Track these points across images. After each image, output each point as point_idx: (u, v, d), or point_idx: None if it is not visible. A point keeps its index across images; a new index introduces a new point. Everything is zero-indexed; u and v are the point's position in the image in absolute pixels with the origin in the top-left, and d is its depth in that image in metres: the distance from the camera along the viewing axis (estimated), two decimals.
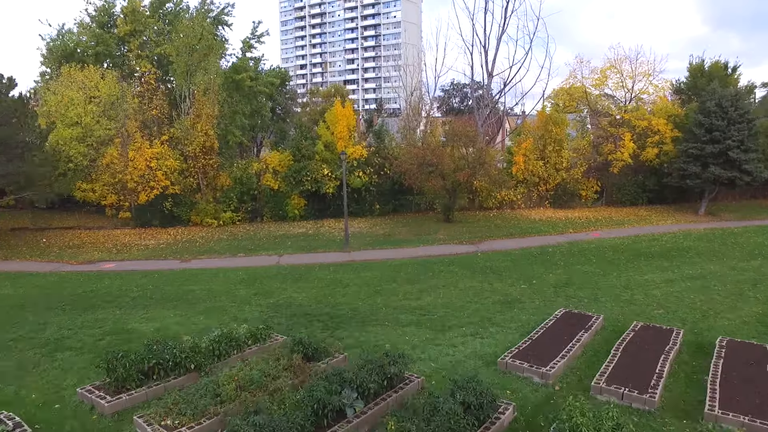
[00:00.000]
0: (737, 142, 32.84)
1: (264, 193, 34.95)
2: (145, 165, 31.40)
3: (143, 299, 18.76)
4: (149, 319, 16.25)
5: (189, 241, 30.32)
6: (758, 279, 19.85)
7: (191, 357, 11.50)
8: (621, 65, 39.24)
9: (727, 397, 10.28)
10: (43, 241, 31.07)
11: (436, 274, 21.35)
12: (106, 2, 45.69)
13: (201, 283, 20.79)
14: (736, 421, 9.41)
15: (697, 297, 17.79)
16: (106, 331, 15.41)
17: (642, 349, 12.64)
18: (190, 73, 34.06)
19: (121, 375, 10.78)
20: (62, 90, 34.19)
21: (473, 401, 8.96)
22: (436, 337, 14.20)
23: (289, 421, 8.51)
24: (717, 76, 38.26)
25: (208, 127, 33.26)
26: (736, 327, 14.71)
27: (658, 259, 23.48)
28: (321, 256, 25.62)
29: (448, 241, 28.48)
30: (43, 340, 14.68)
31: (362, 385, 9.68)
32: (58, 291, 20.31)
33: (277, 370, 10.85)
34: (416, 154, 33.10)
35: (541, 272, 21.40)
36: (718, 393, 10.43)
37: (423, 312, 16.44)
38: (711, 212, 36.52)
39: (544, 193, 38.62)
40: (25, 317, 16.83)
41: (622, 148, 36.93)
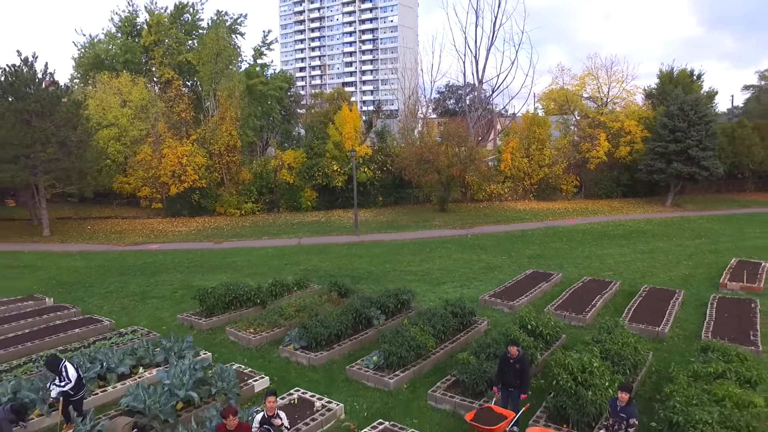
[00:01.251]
0: (696, 141, 37.45)
1: (280, 187, 39.39)
2: (177, 161, 35.67)
3: (196, 267, 23.15)
4: (207, 280, 20.57)
5: (216, 228, 34.64)
6: (694, 252, 24.42)
7: (257, 295, 15.95)
8: (598, 73, 43.89)
9: (636, 317, 14.81)
10: (89, 228, 35.34)
11: (433, 250, 25.83)
12: (130, 14, 50.10)
13: (239, 257, 25.16)
14: (637, 328, 13.88)
15: (642, 264, 22.36)
16: (176, 287, 19.80)
17: (585, 292, 17.18)
18: (215, 80, 38.40)
19: (211, 304, 15.20)
20: (100, 95, 38.53)
21: (459, 311, 13.45)
22: (433, 288, 18.67)
23: (337, 322, 12.94)
24: (682, 83, 42.88)
25: (232, 128, 37.65)
26: (662, 281, 19.23)
27: (619, 239, 28.05)
28: (335, 238, 30.05)
29: (443, 227, 32.98)
30: (131, 292, 19.06)
31: (384, 305, 14.14)
32: (123, 263, 24.65)
33: (321, 301, 15.29)
34: (415, 152, 37.58)
35: (520, 248, 25.93)
36: (630, 314, 14.97)
37: (423, 274, 20.91)
38: (676, 204, 41.13)
39: (528, 187, 43.16)
40: (108, 279, 21.21)
41: (598, 147, 41.50)
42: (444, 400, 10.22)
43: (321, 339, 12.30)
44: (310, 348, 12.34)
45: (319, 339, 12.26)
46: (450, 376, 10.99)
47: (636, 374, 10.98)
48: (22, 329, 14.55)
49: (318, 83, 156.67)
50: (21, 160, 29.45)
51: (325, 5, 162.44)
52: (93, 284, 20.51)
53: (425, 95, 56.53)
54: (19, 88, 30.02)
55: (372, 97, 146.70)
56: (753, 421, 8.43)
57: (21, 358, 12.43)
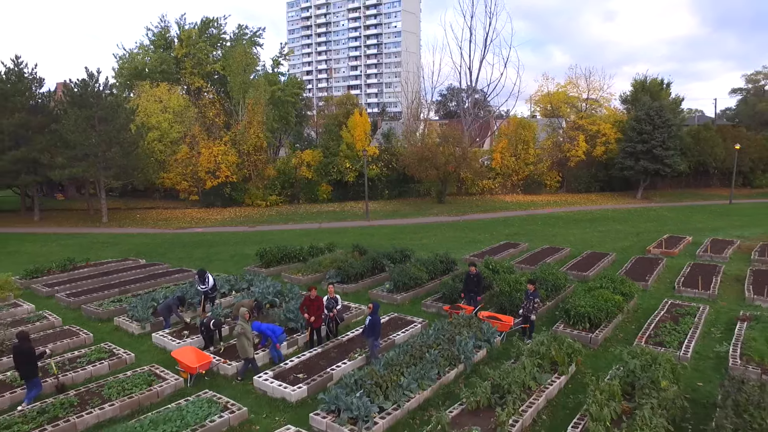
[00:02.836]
0: (660, 142, 43.32)
1: (300, 181, 45.46)
2: (212, 160, 41.70)
3: (241, 242, 29.14)
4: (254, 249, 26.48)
5: (247, 216, 40.64)
6: (642, 232, 30.27)
7: (300, 253, 21.94)
8: (578, 81, 49.75)
9: (574, 267, 20.70)
10: (138, 216, 41.41)
11: (430, 230, 31.79)
12: (162, 29, 56.27)
13: (274, 236, 31.10)
14: (571, 273, 19.72)
15: (596, 239, 28.25)
16: (231, 254, 25.77)
17: (542, 254, 23.12)
18: (244, 90, 44.49)
19: (268, 260, 21.20)
20: (144, 102, 44.60)
21: (444, 260, 19.40)
22: (428, 252, 24.54)
23: (361, 266, 18.89)
24: (652, 91, 48.74)
25: (259, 130, 43.70)
26: (605, 249, 25.08)
27: (585, 223, 33.95)
28: (349, 223, 36.02)
29: (440, 215, 38.93)
30: (198, 257, 25.04)
31: (392, 257, 20.10)
32: (180, 240, 30.66)
33: (346, 257, 21.23)
34: (416, 152, 43.53)
35: (501, 229, 31.88)
36: (569, 266, 20.88)
37: (422, 245, 26.83)
38: (646, 197, 46.99)
39: (516, 182, 49.05)
40: (175, 250, 27.23)
41: (577, 147, 47.35)
42: (431, 306, 16.19)
43: (351, 275, 18.27)
44: (343, 281, 18.29)
45: (350, 275, 18.24)
46: (436, 295, 16.94)
47: (557, 294, 16.85)
48: (137, 275, 20.57)
49: (324, 86, 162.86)
50: (90, 158, 35.51)
51: (331, 11, 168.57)
52: (165, 253, 26.52)
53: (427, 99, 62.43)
54: (87, 99, 36.08)
55: (376, 100, 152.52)
56: (611, 306, 14.38)
57: (147, 289, 18.42)
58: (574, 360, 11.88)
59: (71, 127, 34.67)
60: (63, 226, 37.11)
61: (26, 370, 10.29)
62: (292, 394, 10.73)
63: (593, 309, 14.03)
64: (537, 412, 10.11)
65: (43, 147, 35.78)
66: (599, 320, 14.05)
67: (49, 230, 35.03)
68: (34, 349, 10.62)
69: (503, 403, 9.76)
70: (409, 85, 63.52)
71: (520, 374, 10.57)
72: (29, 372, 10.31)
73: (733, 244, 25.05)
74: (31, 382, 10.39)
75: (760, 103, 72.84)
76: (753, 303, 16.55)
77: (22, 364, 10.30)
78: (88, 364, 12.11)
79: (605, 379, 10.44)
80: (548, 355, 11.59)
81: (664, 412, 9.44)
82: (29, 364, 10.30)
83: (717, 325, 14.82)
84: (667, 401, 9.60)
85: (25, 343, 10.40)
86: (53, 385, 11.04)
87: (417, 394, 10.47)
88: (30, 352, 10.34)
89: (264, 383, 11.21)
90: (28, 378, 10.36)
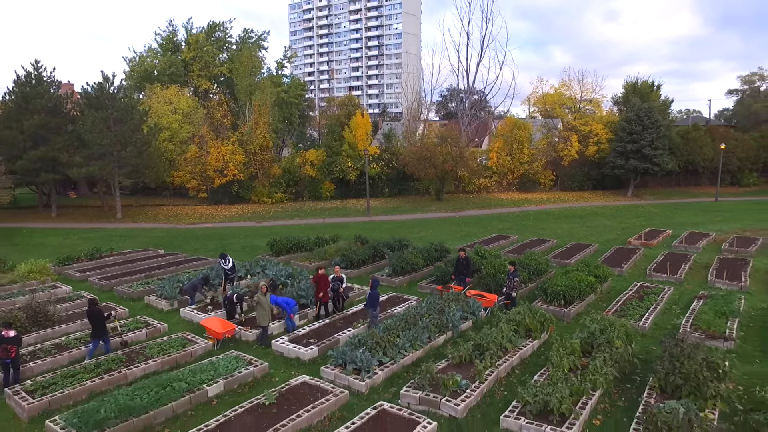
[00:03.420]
0: (648, 142, 45.22)
1: (304, 180, 47.44)
2: (220, 159, 43.66)
3: (251, 235, 31.11)
4: (264, 241, 28.49)
5: (254, 212, 42.59)
6: (627, 227, 32.19)
7: (307, 243, 23.90)
8: (571, 84, 51.67)
9: (558, 256, 22.62)
10: (149, 212, 43.40)
11: (428, 225, 33.74)
12: (170, 33, 58.28)
13: (281, 230, 33.06)
14: (555, 261, 21.66)
15: (582, 232, 30.17)
16: (242, 245, 27.74)
17: (529, 245, 25.04)
18: (251, 92, 46.48)
19: (278, 249, 23.18)
20: (155, 103, 46.55)
21: (438, 248, 21.35)
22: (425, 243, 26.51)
23: (364, 253, 20.85)
24: (643, 93, 50.61)
25: (265, 131, 45.68)
26: (589, 241, 27.00)
27: (574, 218, 35.87)
28: (352, 218, 37.98)
29: (438, 211, 40.86)
30: (212, 248, 26.96)
31: (391, 246, 22.06)
32: (193, 234, 32.64)
33: (349, 246, 23.20)
34: (415, 151, 45.46)
35: (495, 223, 33.81)
36: (554, 255, 22.80)
37: (419, 238, 28.75)
38: (636, 195, 48.88)
39: (511, 180, 50.97)
40: (190, 242, 29.20)
41: (570, 147, 49.25)
42: (426, 287, 18.15)
43: (354, 261, 20.23)
44: (347, 267, 20.24)
45: (353, 261, 20.20)
46: (430, 278, 18.89)
47: (539, 278, 18.79)
48: (158, 263, 22.55)
49: (326, 87, 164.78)
50: (106, 157, 37.48)
51: (332, 13, 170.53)
52: (181, 245, 28.50)
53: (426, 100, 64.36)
54: (103, 101, 38.06)
55: (378, 101, 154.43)
56: (584, 286, 16.32)
57: (170, 274, 20.38)
58: (546, 328, 13.83)
59: (89, 128, 36.65)
60: (80, 221, 39.09)
61: (97, 328, 12.48)
62: (306, 353, 12.70)
63: (567, 288, 15.98)
64: (511, 367, 12.07)
65: (61, 147, 37.73)
66: (573, 298, 15.99)
67: (67, 225, 37.01)
68: (102, 311, 12.81)
69: (482, 357, 11.71)
70: (410, 86, 65.48)
71: (498, 336, 12.52)
72: (99, 330, 12.49)
73: (709, 237, 26.99)
74: (99, 339, 12.60)
75: (755, 104, 74.78)
76: (714, 285, 18.49)
77: (94, 323, 12.47)
78: (128, 332, 14.08)
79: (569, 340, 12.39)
80: (524, 323, 13.55)
81: (615, 364, 11.42)
82: (99, 324, 12.49)
83: (678, 303, 16.76)
84: (618, 355, 11.57)
85: (94, 307, 12.60)
86: (119, 342, 13.20)
87: (411, 353, 12.43)
88: (99, 314, 12.53)
89: (281, 346, 13.18)
90: (98, 335, 12.54)
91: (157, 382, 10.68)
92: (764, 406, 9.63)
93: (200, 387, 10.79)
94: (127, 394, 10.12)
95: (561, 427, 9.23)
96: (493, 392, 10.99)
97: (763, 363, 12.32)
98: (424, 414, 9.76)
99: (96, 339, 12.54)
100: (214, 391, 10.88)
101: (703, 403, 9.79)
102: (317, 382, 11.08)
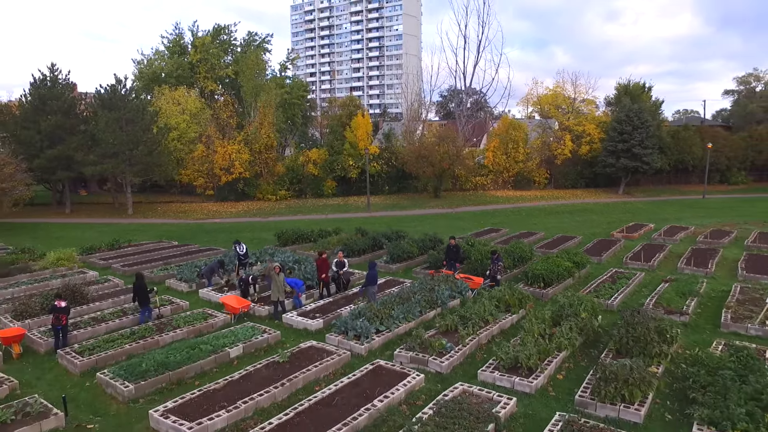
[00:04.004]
0: (638, 141, 47.01)
1: (307, 178, 49.31)
2: (227, 157, 45.53)
3: (259, 229, 32.95)
4: (271, 234, 30.35)
5: (259, 209, 44.44)
6: (614, 221, 33.95)
7: (311, 235, 25.76)
8: (565, 85, 53.47)
9: (544, 246, 24.44)
10: (159, 209, 45.27)
11: (425, 220, 35.56)
12: (177, 36, 60.18)
13: (286, 225, 34.73)
14: (540, 250, 23.46)
15: (570, 226, 31.96)
16: (250, 238, 29.49)
17: (518, 237, 26.87)
18: (256, 93, 48.36)
19: (284, 239, 25.06)
20: (163, 105, 48.40)
21: (432, 238, 23.19)
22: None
23: (364, 243, 22.69)
24: (634, 94, 52.37)
25: (270, 131, 47.55)
26: (575, 234, 28.79)
27: (564, 214, 37.67)
28: (353, 214, 39.81)
29: (435, 207, 42.70)
30: (222, 241, 28.73)
31: (389, 237, 23.90)
32: (202, 228, 34.49)
33: (351, 237, 25.03)
34: (414, 151, 47.28)
35: (488, 219, 35.63)
36: (540, 245, 24.63)
37: (417, 231, 30.56)
38: (627, 192, 50.67)
39: (507, 179, 52.77)
40: (200, 236, 31.04)
41: (563, 146, 51.04)
42: (420, 273, 19.99)
43: (355, 250, 22.07)
44: (348, 256, 22.04)
45: (354, 250, 22.04)
46: (424, 264, 20.72)
47: (524, 264, 20.59)
48: (174, 252, 24.40)
49: (327, 88, 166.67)
50: (118, 155, 39.36)
51: (334, 14, 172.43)
52: (192, 238, 30.33)
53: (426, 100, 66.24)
54: (116, 102, 39.94)
55: (378, 101, 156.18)
56: (562, 270, 18.14)
57: (188, 261, 22.23)
58: (524, 305, 15.64)
59: (102, 127, 38.55)
60: (93, 217, 40.98)
61: (141, 299, 14.67)
62: (312, 324, 14.54)
63: (546, 271, 17.80)
64: (491, 335, 13.89)
65: (76, 146, 39.63)
66: (551, 280, 17.80)
67: (81, 221, 38.89)
68: (146, 285, 14.95)
69: (465, 326, 13.54)
70: (410, 87, 67.30)
71: (480, 310, 14.35)
72: (143, 301, 14.66)
73: (687, 230, 28.79)
74: (145, 308, 14.76)
75: (750, 104, 76.53)
76: (683, 272, 20.28)
77: (139, 295, 14.66)
78: (155, 308, 15.91)
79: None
80: (504, 300, 15.38)
81: (581, 332, 13.23)
82: (143, 296, 14.64)
83: (648, 286, 18.54)
84: (583, 324, 13.39)
85: (141, 281, 14.74)
86: (156, 314, 15.27)
87: (404, 324, 14.25)
88: (143, 287, 14.63)
89: (291, 319, 15.02)
90: (143, 305, 14.69)
91: (186, 345, 12.53)
92: (699, 362, 11.42)
93: (223, 349, 12.62)
94: (162, 354, 11.96)
95: (528, 378, 11.05)
96: (474, 355, 12.81)
97: (712, 333, 14.11)
98: (414, 370, 11.59)
99: (145, 308, 14.64)
100: (234, 353, 12.71)
101: (650, 360, 11.61)
102: (323, 345, 12.92)
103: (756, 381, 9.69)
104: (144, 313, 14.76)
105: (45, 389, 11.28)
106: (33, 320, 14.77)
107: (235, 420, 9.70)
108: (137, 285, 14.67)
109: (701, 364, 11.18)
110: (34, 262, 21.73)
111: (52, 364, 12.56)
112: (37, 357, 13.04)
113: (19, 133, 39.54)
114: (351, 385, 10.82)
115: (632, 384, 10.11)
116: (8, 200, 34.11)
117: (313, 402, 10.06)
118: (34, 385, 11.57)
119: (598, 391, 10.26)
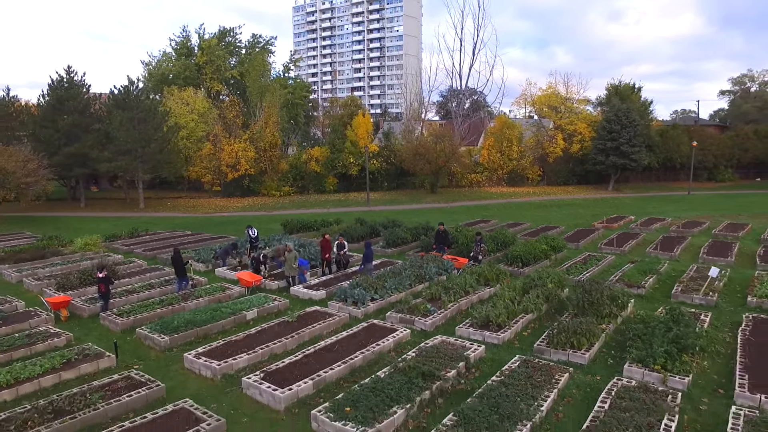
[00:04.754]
0: (626, 140, 49.17)
1: (310, 174, 51.60)
2: (233, 155, 47.79)
3: (264, 222, 35.12)
4: (276, 226, 32.53)
5: (264, 204, 46.67)
6: (597, 214, 36.07)
7: (314, 224, 28.00)
8: (557, 86, 55.61)
9: (527, 234, 26.63)
10: (168, 203, 47.53)
11: (422, 213, 37.76)
12: (184, 38, 62.46)
13: (290, 217, 36.98)
14: (522, 238, 25.64)
15: (555, 218, 34.13)
16: (258, 228, 31.60)
17: (506, 226, 29.05)
18: (261, 94, 50.66)
19: (289, 228, 27.29)
20: (172, 105, 50.67)
21: (425, 226, 25.40)
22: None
23: (362, 231, 24.91)
24: (624, 94, 54.52)
25: (274, 129, 49.81)
26: (557, 224, 30.97)
27: (552, 208, 39.85)
28: (353, 209, 42.02)
29: (432, 202, 44.90)
30: (232, 231, 31.00)
31: (385, 225, 26.11)
32: (211, 221, 36.72)
33: (351, 225, 27.23)
34: (412, 149, 49.49)
35: (480, 212, 37.82)
36: (525, 234, 26.82)
37: (413, 222, 32.79)
38: (617, 189, 52.80)
39: (501, 176, 54.94)
40: (210, 227, 33.28)
41: (555, 145, 53.20)
42: (412, 255, 22.19)
43: (354, 237, 24.29)
44: (349, 242, 24.26)
45: (353, 237, 24.27)
46: (417, 249, 22.94)
47: (506, 249, 22.76)
48: (188, 239, 26.62)
49: (329, 88, 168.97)
50: (131, 153, 41.62)
51: (335, 15, 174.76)
52: (203, 229, 32.54)
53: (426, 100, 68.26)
54: (129, 102, 42.21)
55: (379, 101, 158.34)
56: (539, 252, 20.34)
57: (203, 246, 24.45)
58: (502, 279, 17.84)
59: (116, 126, 40.82)
60: (107, 211, 43.24)
61: (179, 270, 17.01)
62: (316, 294, 16.77)
63: (524, 253, 20.00)
64: (471, 303, 16.08)
65: (91, 144, 41.89)
66: (529, 261, 19.99)
67: (97, 214, 41.16)
68: (182, 258, 17.32)
69: (448, 294, 15.75)
70: (410, 87, 69.38)
71: (462, 282, 16.56)
72: (180, 272, 17.01)
73: (664, 221, 30.94)
74: (181, 279, 17.10)
75: (745, 104, 78.63)
76: (651, 255, 22.45)
77: (176, 266, 17.01)
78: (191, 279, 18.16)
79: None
80: (484, 275, 17.58)
81: (546, 298, 15.42)
82: (180, 267, 16.98)
83: (616, 267, 20.69)
84: (549, 292, 15.58)
85: (178, 255, 17.12)
86: (190, 284, 17.53)
87: (396, 294, 16.46)
88: (180, 259, 17.01)
89: (298, 291, 17.26)
90: (180, 276, 17.03)
91: (209, 309, 14.77)
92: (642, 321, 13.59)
93: (240, 312, 14.85)
94: (189, 314, 14.20)
95: (497, 333, 13.25)
96: (455, 318, 15.00)
97: (663, 303, 16.27)
98: (403, 327, 13.80)
99: (181, 278, 16.95)
100: (250, 316, 14.93)
101: (602, 320, 13.80)
102: (326, 310, 15.15)
103: (677, 330, 11.89)
104: (181, 282, 17.01)
105: (93, 342, 13.52)
106: (74, 291, 17.02)
107: (254, 362, 11.92)
108: (175, 258, 16.95)
109: (643, 323, 13.38)
110: (63, 248, 23.98)
111: (96, 325, 14.80)
112: (82, 320, 15.28)
113: (38, 132, 41.83)
114: (349, 337, 13.03)
115: (580, 333, 12.33)
116: (32, 194, 36.41)
117: (317, 348, 12.27)
118: (83, 340, 13.81)
119: (552, 340, 12.47)
